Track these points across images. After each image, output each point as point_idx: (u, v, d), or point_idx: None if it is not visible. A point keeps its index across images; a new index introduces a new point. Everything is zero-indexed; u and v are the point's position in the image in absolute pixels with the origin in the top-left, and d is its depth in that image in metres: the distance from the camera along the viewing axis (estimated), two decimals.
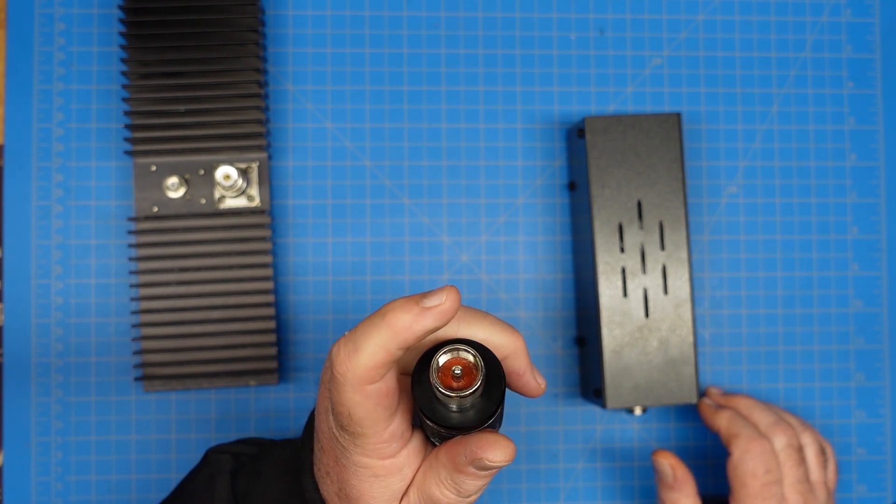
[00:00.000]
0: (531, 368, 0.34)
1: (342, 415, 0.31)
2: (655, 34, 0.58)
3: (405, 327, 0.30)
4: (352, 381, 0.30)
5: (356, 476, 0.33)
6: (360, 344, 0.30)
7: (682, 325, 0.52)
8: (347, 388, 0.30)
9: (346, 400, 0.31)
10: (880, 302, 0.58)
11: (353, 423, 0.31)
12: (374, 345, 0.30)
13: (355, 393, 0.30)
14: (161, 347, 0.52)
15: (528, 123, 0.57)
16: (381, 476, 0.33)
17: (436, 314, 0.30)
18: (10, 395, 0.54)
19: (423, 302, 0.30)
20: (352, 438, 0.32)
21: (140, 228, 0.53)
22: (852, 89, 0.59)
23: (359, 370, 0.30)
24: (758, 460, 0.49)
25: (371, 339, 0.30)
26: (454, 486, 0.33)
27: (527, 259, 0.57)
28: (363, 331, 0.30)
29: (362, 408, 0.31)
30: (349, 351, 0.30)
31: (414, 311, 0.30)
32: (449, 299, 0.30)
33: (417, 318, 0.30)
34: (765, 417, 0.52)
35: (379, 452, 0.32)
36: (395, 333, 0.30)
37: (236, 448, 0.44)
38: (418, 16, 0.57)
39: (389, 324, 0.30)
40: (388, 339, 0.30)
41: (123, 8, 0.52)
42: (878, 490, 0.58)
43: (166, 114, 0.52)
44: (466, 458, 0.32)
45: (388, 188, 0.57)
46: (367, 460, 0.33)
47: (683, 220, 0.53)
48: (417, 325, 0.30)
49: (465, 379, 0.31)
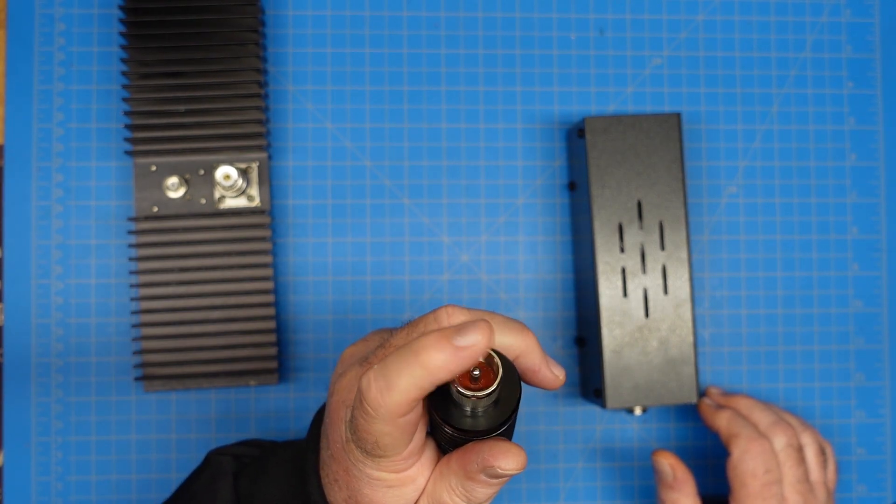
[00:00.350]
0: (546, 362, 0.34)
1: (367, 441, 0.32)
2: (655, 34, 0.58)
3: (438, 367, 0.29)
4: (384, 415, 0.30)
5: (369, 486, 0.33)
6: (392, 382, 0.30)
7: (682, 325, 0.52)
8: (378, 421, 0.31)
9: (376, 431, 0.31)
10: (880, 302, 0.58)
11: (377, 449, 0.32)
12: (408, 383, 0.30)
13: (385, 425, 0.31)
14: (161, 347, 0.52)
15: (528, 123, 0.57)
16: (395, 487, 0.33)
17: (469, 355, 0.30)
18: (10, 395, 0.54)
19: (457, 340, 0.30)
20: (368, 458, 0.33)
21: (140, 228, 0.53)
22: (852, 89, 0.59)
23: (391, 406, 0.30)
24: (758, 460, 0.49)
25: (404, 378, 0.30)
26: (464, 494, 0.33)
27: (527, 259, 0.57)
28: (396, 368, 0.30)
29: (390, 437, 0.31)
30: (381, 387, 0.30)
31: (448, 350, 0.29)
32: (483, 337, 0.30)
33: (451, 358, 0.29)
34: (765, 417, 0.52)
35: (395, 468, 0.33)
36: (428, 373, 0.30)
37: (238, 450, 0.44)
38: (418, 16, 0.57)
39: (423, 363, 0.30)
40: (422, 377, 0.30)
41: (123, 8, 0.52)
42: (878, 490, 0.58)
43: (166, 114, 0.52)
44: (478, 465, 0.32)
45: (388, 188, 0.57)
46: (381, 474, 0.33)
47: (683, 220, 0.53)
48: (451, 365, 0.30)
49: (483, 380, 0.31)
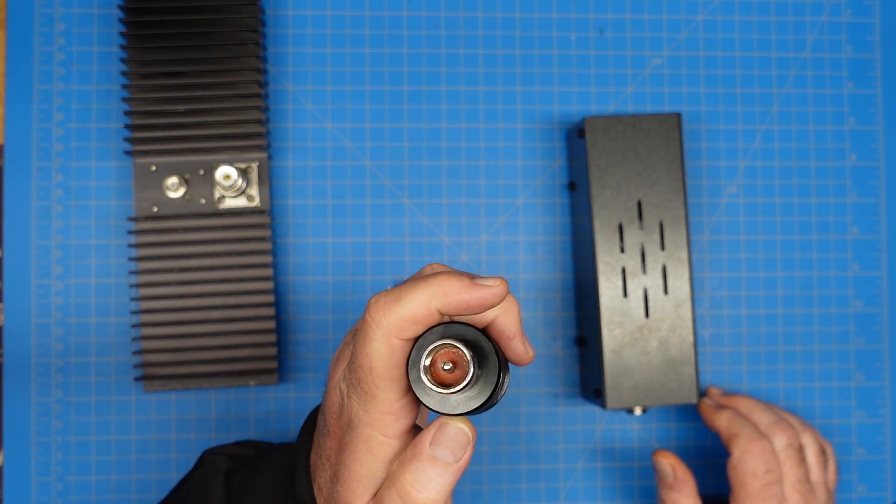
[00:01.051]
0: (521, 334, 0.34)
1: (362, 367, 0.31)
2: (655, 34, 0.58)
3: (452, 291, 0.30)
4: (385, 328, 0.30)
5: (353, 454, 0.33)
6: (402, 296, 0.30)
7: (682, 325, 0.52)
8: (377, 336, 0.31)
9: (372, 350, 0.31)
10: (880, 302, 0.58)
11: (370, 378, 0.31)
12: (417, 297, 0.30)
13: (382, 343, 0.31)
14: (161, 347, 0.52)
15: (528, 123, 0.57)
16: (375, 453, 0.33)
17: (485, 293, 0.30)
18: (10, 395, 0.54)
19: (476, 280, 0.31)
20: (362, 404, 0.32)
21: (140, 228, 0.53)
22: (852, 89, 0.59)
23: (394, 318, 0.30)
24: (758, 460, 0.49)
25: (415, 293, 0.30)
26: (417, 478, 0.32)
27: (527, 259, 0.57)
28: (408, 286, 0.31)
29: (384, 362, 0.31)
30: (389, 301, 0.31)
31: (465, 281, 0.30)
32: (500, 286, 0.30)
33: (466, 288, 0.30)
34: (765, 417, 0.52)
35: (383, 424, 0.32)
36: (441, 293, 0.30)
37: (233, 450, 0.44)
38: (418, 16, 0.57)
39: (438, 283, 0.30)
40: (433, 296, 0.30)
41: (123, 8, 0.52)
42: (878, 490, 0.58)
43: (166, 114, 0.52)
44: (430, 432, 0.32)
45: (388, 188, 0.57)
46: (370, 432, 0.32)
47: (683, 220, 0.53)
48: (464, 293, 0.30)
49: (457, 371, 0.31)
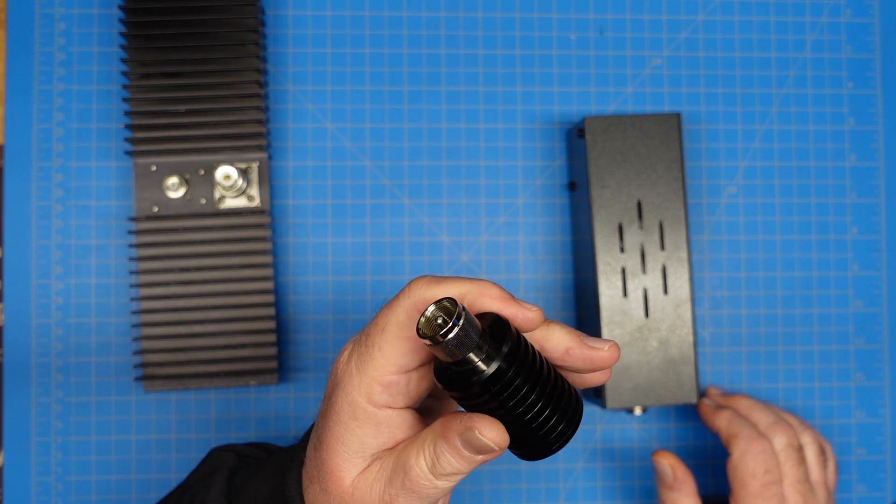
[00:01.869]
0: (516, 303, 0.33)
1: (377, 325, 0.33)
2: (655, 34, 0.58)
3: (490, 294, 0.32)
4: (415, 300, 0.32)
5: (338, 416, 0.33)
6: (444, 281, 0.33)
7: (682, 325, 0.52)
8: (404, 304, 0.32)
9: (393, 314, 0.33)
10: (880, 302, 0.58)
11: (379, 336, 0.33)
12: (456, 288, 0.32)
13: (404, 312, 0.32)
14: (161, 347, 0.52)
15: (528, 123, 0.57)
16: (360, 420, 0.33)
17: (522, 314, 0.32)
18: (10, 395, 0.54)
19: (519, 302, 0.33)
20: (360, 360, 0.33)
21: (140, 228, 0.53)
22: (852, 89, 0.59)
23: (427, 295, 0.32)
24: (758, 460, 0.49)
25: (456, 283, 0.32)
26: (433, 456, 0.33)
27: (527, 259, 0.57)
28: (452, 277, 0.33)
29: (399, 327, 0.32)
30: (431, 282, 0.33)
31: (503, 295, 0.33)
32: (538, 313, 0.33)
33: (502, 300, 0.32)
34: (764, 417, 0.52)
35: (370, 390, 0.33)
36: (479, 292, 0.32)
37: (244, 449, 0.44)
38: (418, 16, 0.57)
39: (481, 284, 0.33)
40: (470, 291, 0.32)
41: (124, 8, 0.52)
42: (878, 490, 0.58)
43: (166, 114, 0.52)
44: (461, 424, 0.32)
45: (388, 188, 0.57)
46: (355, 396, 0.33)
47: (683, 220, 0.53)
48: (498, 303, 0.32)
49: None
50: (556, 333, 0.34)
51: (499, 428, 0.32)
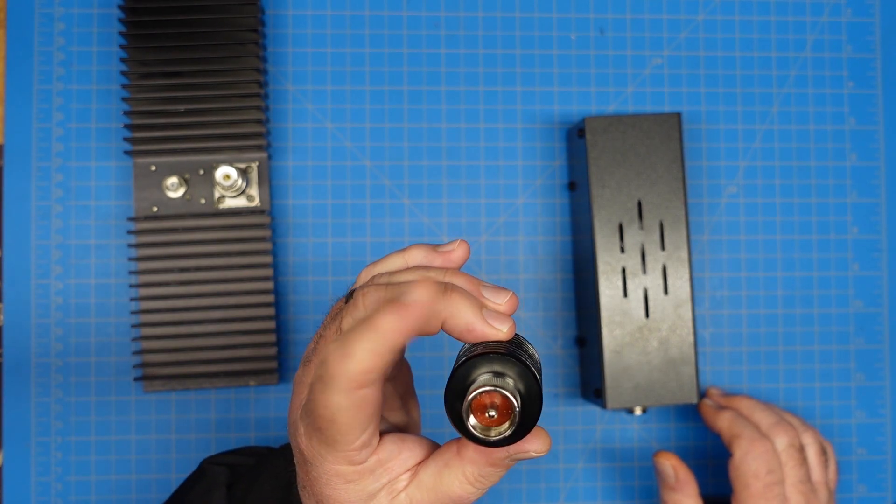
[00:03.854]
0: (481, 320, 0.31)
1: (323, 417, 0.30)
2: (655, 34, 0.58)
3: (390, 329, 0.28)
4: (343, 384, 0.29)
5: (328, 486, 0.32)
6: (350, 349, 0.28)
7: (683, 325, 0.52)
8: (336, 392, 0.29)
9: (333, 404, 0.29)
10: (880, 302, 0.58)
11: (332, 427, 0.30)
12: (364, 349, 0.28)
13: (344, 397, 0.29)
14: (161, 347, 0.52)
15: (528, 123, 0.57)
16: (354, 481, 0.32)
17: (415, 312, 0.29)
18: (9, 395, 0.54)
19: (402, 298, 0.29)
20: (322, 447, 0.31)
21: (140, 228, 0.53)
22: (852, 89, 0.59)
23: (350, 374, 0.28)
24: (760, 461, 0.49)
25: (361, 343, 0.28)
26: (481, 481, 0.32)
27: (527, 259, 0.57)
28: (353, 336, 0.29)
29: (347, 413, 0.29)
30: (339, 356, 0.29)
31: (393, 310, 0.28)
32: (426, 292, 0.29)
33: (399, 317, 0.28)
34: (766, 418, 0.52)
35: (349, 459, 0.31)
36: (382, 337, 0.28)
37: (232, 459, 0.44)
38: (418, 16, 0.57)
39: (376, 327, 0.28)
40: (377, 342, 0.28)
41: (123, 8, 0.52)
42: (879, 490, 0.58)
43: (166, 114, 0.52)
44: (509, 452, 0.31)
45: (388, 188, 0.57)
46: (336, 468, 0.31)
47: (683, 219, 0.53)
48: (401, 324, 0.28)
49: (498, 419, 0.30)
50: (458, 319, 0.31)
51: (544, 438, 0.31)
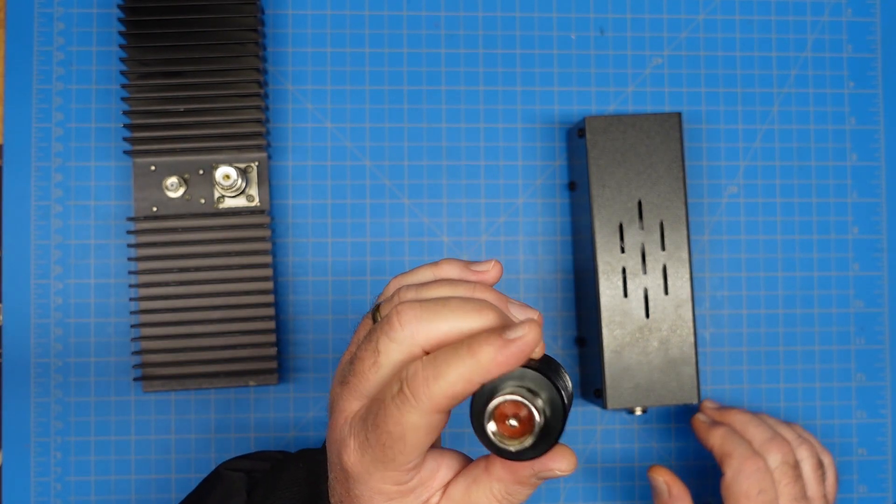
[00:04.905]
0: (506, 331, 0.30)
1: (391, 434, 0.30)
2: (656, 34, 0.58)
3: (489, 360, 0.29)
4: (425, 406, 0.29)
5: (370, 502, 0.32)
6: (441, 371, 0.29)
7: (683, 325, 0.52)
8: (416, 412, 0.29)
9: (408, 423, 0.29)
10: (881, 302, 0.58)
11: (398, 445, 0.30)
12: (456, 374, 0.29)
13: (422, 417, 0.29)
14: (160, 347, 0.52)
15: (528, 123, 0.57)
16: (395, 500, 0.32)
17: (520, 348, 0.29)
18: (9, 396, 0.54)
19: (507, 334, 0.29)
20: (375, 464, 0.31)
21: (139, 228, 0.52)
22: (853, 89, 0.59)
23: (436, 396, 0.29)
24: (751, 480, 0.48)
25: (453, 368, 0.29)
26: (509, 498, 0.32)
27: (527, 259, 0.57)
28: (445, 358, 0.29)
29: (418, 434, 0.30)
30: (428, 376, 0.29)
31: (497, 343, 0.29)
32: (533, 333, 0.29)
33: (501, 351, 0.29)
34: (759, 434, 0.50)
35: (397, 479, 0.31)
36: (478, 365, 0.29)
37: (248, 464, 0.44)
38: (418, 15, 0.57)
39: (474, 354, 0.29)
40: (471, 369, 0.29)
41: (123, 7, 0.52)
42: (879, 490, 0.58)
43: (166, 113, 0.52)
44: (534, 469, 0.31)
45: (388, 188, 0.57)
46: (382, 486, 0.31)
47: (684, 219, 0.52)
48: (501, 357, 0.29)
49: (519, 427, 0.30)
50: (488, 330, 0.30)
51: (569, 456, 0.31)
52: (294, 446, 0.55)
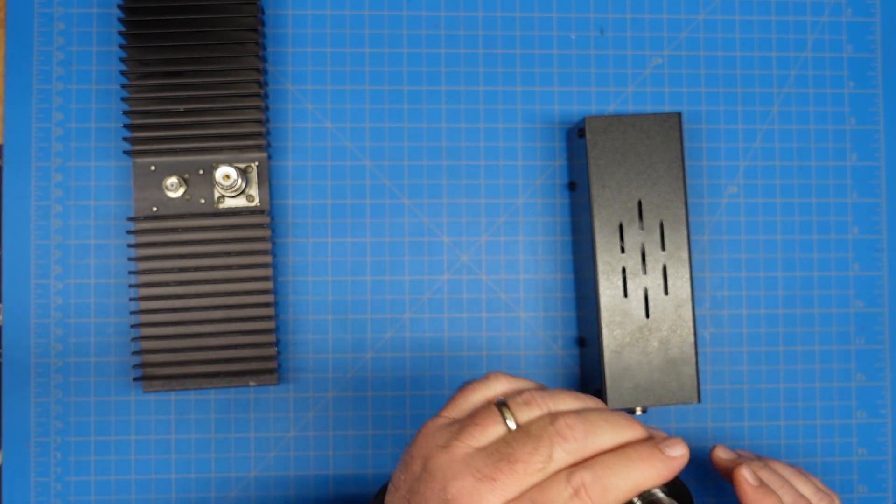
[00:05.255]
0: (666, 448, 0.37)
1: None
2: (656, 34, 0.58)
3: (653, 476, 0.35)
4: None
5: None
6: (610, 485, 0.35)
7: (683, 325, 0.52)
8: None
9: None
10: (881, 302, 0.58)
11: None
12: (626, 487, 0.35)
13: None
14: (160, 348, 0.52)
15: (528, 123, 0.57)
16: None
17: (678, 465, 0.36)
18: (9, 396, 0.54)
19: (668, 451, 0.36)
20: None
21: (139, 228, 0.52)
22: (853, 89, 0.59)
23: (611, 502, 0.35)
24: None
25: (622, 482, 0.35)
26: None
27: (527, 259, 0.57)
28: (614, 473, 0.35)
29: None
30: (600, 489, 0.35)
31: (661, 460, 0.36)
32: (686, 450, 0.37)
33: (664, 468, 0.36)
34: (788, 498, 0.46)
35: None
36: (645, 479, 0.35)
37: None
38: (418, 15, 0.57)
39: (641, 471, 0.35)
40: (637, 483, 0.35)
41: (123, 7, 0.52)
42: (879, 491, 0.58)
43: (166, 113, 0.52)
44: None
45: (388, 188, 0.57)
46: None
47: (684, 219, 0.52)
48: (664, 473, 0.36)
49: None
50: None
51: None
52: (294, 446, 0.55)
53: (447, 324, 0.56)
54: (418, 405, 0.56)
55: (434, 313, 0.56)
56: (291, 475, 0.55)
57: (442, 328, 0.56)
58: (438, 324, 0.56)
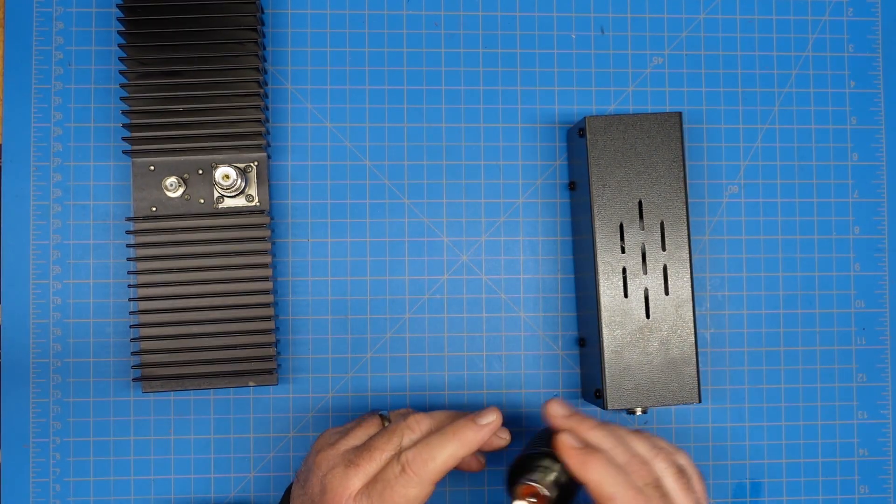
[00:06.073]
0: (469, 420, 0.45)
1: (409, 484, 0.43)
2: (656, 33, 0.58)
3: (470, 440, 0.44)
4: (425, 480, 0.42)
5: None
6: (435, 454, 0.42)
7: (683, 325, 0.52)
8: (417, 485, 0.42)
9: (411, 495, 0.42)
10: (882, 302, 0.58)
11: None
12: (447, 454, 0.43)
13: (422, 489, 0.42)
14: (159, 348, 0.52)
15: (528, 123, 0.57)
16: None
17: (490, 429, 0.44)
18: (7, 396, 0.54)
19: (479, 420, 0.44)
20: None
21: (138, 228, 0.52)
22: (854, 88, 0.59)
23: (433, 472, 0.42)
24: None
25: (445, 450, 0.43)
26: None
27: (527, 259, 0.57)
28: (437, 443, 0.43)
29: (418, 502, 0.42)
30: (425, 458, 0.42)
31: (474, 427, 0.44)
32: (497, 415, 0.45)
33: (478, 432, 0.44)
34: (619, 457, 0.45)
35: None
36: (463, 445, 0.43)
37: None
38: (418, 15, 0.57)
39: (460, 439, 0.43)
40: (458, 448, 0.43)
41: (122, 7, 0.52)
42: (880, 491, 0.58)
43: (165, 113, 0.52)
44: None
45: (388, 188, 0.56)
46: None
47: (684, 219, 0.52)
48: (479, 437, 0.44)
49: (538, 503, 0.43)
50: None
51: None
52: (294, 446, 0.55)
53: (447, 324, 0.56)
54: (418, 405, 0.56)
55: (434, 313, 0.56)
56: (291, 475, 0.55)
57: (442, 328, 0.56)
58: (438, 324, 0.56)
